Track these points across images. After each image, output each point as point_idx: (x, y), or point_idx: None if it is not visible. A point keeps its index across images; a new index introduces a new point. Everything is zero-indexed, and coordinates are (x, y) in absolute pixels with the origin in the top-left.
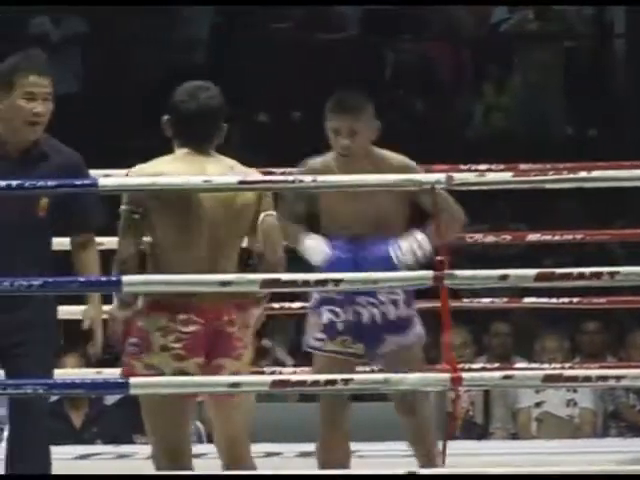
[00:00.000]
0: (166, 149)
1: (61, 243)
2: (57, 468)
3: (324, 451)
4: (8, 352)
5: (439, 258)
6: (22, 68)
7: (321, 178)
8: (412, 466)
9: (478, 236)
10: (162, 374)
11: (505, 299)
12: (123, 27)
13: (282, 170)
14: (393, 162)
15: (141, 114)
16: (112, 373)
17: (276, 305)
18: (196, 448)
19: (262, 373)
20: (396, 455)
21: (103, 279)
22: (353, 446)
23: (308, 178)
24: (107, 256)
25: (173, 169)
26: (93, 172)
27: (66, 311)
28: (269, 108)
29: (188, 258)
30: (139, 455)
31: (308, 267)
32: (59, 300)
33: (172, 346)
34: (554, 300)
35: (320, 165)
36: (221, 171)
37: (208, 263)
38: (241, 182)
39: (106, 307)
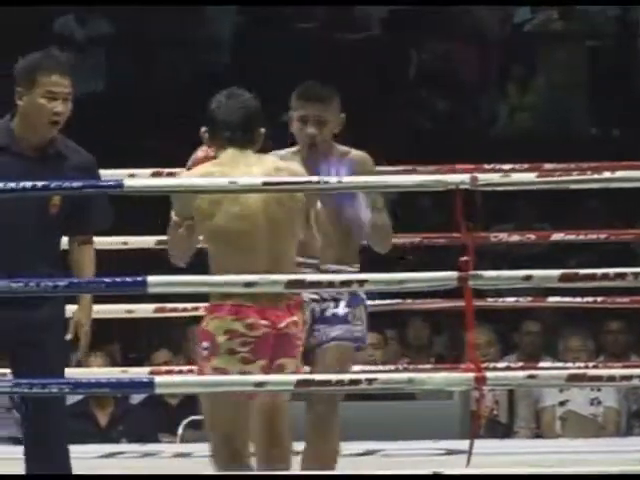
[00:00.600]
0: (191, 149)
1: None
2: (82, 467)
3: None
4: (22, 350)
5: (464, 258)
6: (45, 67)
7: (346, 179)
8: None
9: (502, 235)
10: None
11: (529, 298)
12: (147, 27)
13: None
14: (354, 158)
15: (165, 115)
16: (137, 372)
17: None
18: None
19: None
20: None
21: (129, 280)
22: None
23: (333, 179)
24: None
25: (219, 172)
26: (116, 172)
27: (98, 310)
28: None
29: (248, 260)
30: (164, 454)
31: None
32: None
33: (238, 350)
34: (578, 299)
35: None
36: (266, 172)
37: (267, 264)
38: (265, 183)
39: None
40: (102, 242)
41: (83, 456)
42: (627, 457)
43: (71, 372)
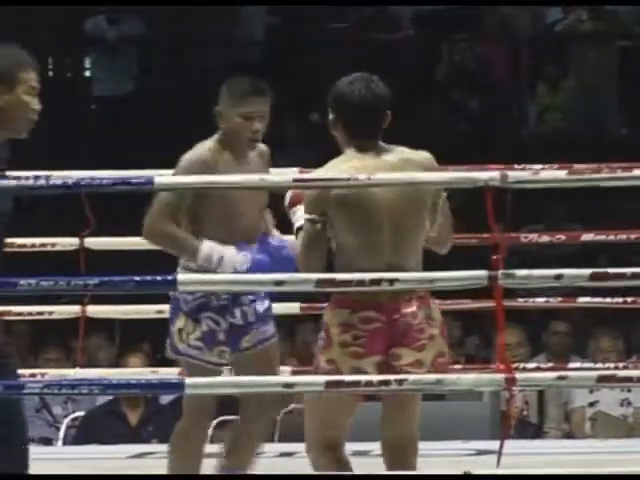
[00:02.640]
0: None
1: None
2: (113, 467)
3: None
4: None
5: (495, 257)
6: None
7: (376, 176)
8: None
9: (533, 236)
10: (339, 371)
11: (559, 299)
12: (180, 27)
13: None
14: (264, 150)
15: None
16: (168, 372)
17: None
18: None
19: None
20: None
21: (159, 278)
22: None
23: (362, 176)
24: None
25: (359, 165)
26: (149, 172)
27: (128, 310)
28: (322, 108)
29: (373, 256)
30: None
31: None
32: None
33: (350, 343)
34: (608, 300)
35: (210, 157)
36: (398, 162)
37: (391, 258)
38: (296, 180)
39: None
40: (128, 243)
41: (114, 456)
42: None
43: (101, 372)
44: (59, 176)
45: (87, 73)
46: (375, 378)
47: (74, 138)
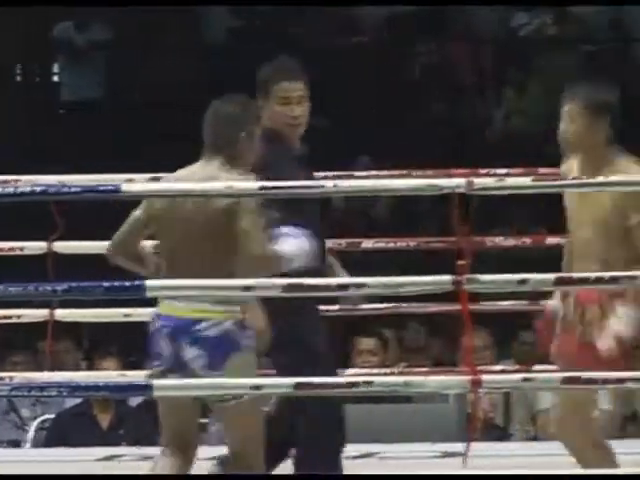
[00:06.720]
0: (181, 158)
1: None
2: (84, 469)
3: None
4: None
5: (460, 262)
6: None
7: (342, 183)
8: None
9: (498, 240)
10: None
11: (525, 302)
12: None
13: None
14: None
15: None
16: (136, 375)
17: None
18: (219, 450)
19: None
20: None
21: (127, 284)
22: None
23: (329, 183)
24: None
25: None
26: (117, 177)
27: (97, 314)
28: None
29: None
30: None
31: None
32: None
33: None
34: None
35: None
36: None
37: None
38: (262, 187)
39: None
40: (100, 247)
41: (85, 459)
42: (621, 459)
43: (70, 375)
44: (27, 182)
45: (55, 78)
46: (343, 380)
47: (42, 143)
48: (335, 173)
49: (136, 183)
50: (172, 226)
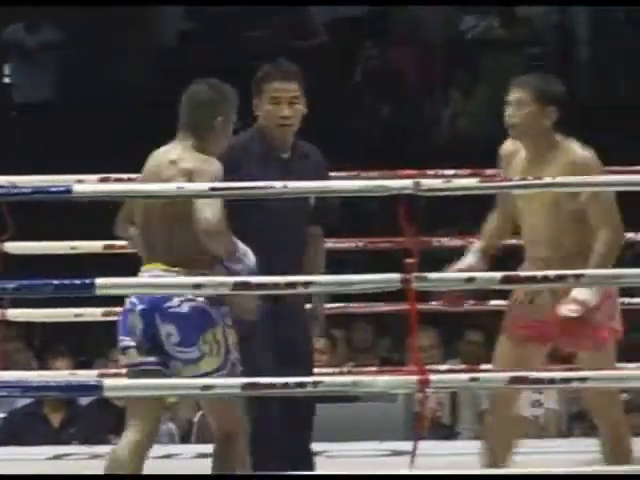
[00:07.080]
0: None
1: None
2: (35, 468)
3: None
4: None
5: (408, 260)
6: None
7: (291, 184)
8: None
9: (445, 240)
10: None
11: (472, 302)
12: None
13: None
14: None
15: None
16: (86, 374)
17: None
18: (169, 449)
19: None
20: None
21: (77, 282)
22: (323, 446)
23: (278, 184)
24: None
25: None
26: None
27: (48, 314)
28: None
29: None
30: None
31: None
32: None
33: None
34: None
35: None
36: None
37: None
38: (213, 189)
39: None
40: (50, 247)
41: (36, 457)
42: (567, 458)
43: (21, 375)
44: None
45: (6, 80)
46: (291, 380)
47: None
48: None
49: (87, 184)
50: (140, 203)
